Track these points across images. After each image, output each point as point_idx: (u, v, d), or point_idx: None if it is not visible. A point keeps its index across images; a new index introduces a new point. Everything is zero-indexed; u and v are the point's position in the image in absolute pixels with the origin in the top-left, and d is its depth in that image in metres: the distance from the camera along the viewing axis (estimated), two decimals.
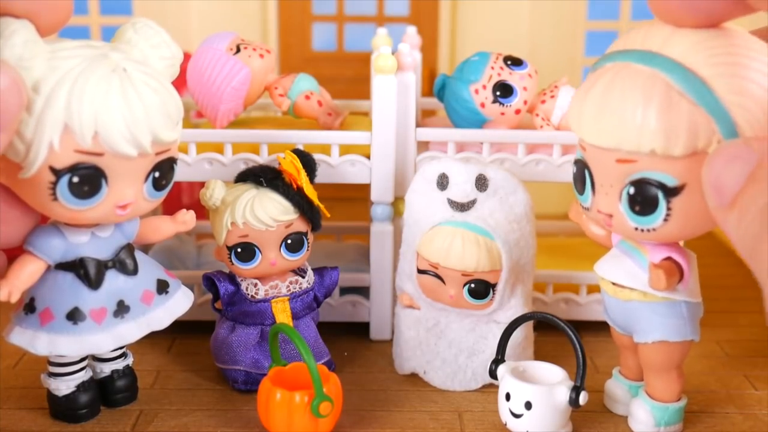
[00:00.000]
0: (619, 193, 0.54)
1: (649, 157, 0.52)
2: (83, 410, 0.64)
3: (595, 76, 0.54)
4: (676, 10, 0.49)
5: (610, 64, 0.54)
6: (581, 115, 0.54)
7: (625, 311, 0.62)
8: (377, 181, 0.76)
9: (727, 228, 0.42)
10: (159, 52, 0.57)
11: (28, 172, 0.52)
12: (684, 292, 0.60)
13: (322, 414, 0.60)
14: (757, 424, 0.66)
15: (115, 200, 0.56)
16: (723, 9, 0.48)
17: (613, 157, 0.53)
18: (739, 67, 0.49)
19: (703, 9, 0.48)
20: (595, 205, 0.57)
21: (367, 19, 1.26)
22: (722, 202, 0.41)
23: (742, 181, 0.41)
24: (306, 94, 0.79)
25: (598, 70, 0.55)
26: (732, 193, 0.41)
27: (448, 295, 0.67)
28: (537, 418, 0.61)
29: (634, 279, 0.61)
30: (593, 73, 0.55)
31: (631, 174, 0.53)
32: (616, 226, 0.56)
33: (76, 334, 0.59)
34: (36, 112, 0.51)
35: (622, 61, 0.53)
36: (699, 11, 0.49)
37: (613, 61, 0.54)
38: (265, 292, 0.69)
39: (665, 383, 0.63)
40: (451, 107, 0.79)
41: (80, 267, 0.59)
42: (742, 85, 0.49)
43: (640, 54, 0.52)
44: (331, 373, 0.63)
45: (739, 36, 0.51)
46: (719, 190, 0.42)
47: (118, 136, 0.53)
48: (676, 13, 0.50)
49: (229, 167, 0.75)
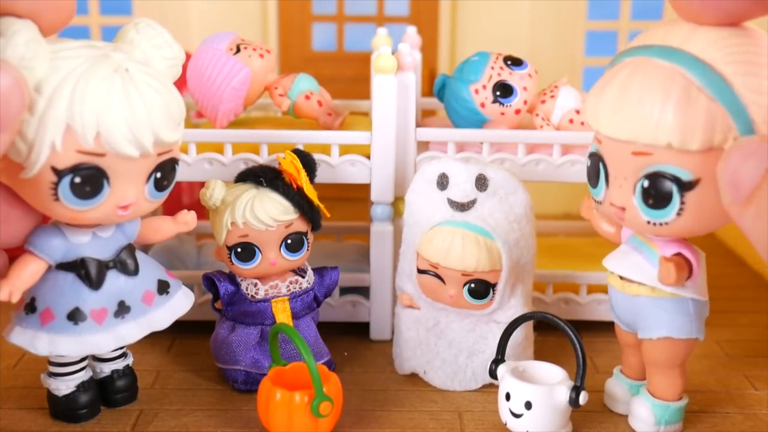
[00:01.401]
0: (633, 186, 0.55)
1: (665, 150, 0.52)
2: (83, 410, 0.64)
3: (614, 70, 0.55)
4: (698, 9, 0.50)
5: (629, 59, 0.54)
6: (599, 108, 0.55)
7: (631, 306, 0.62)
8: (377, 181, 0.76)
9: (743, 224, 0.42)
10: (161, 52, 0.57)
11: (30, 173, 0.52)
12: (692, 289, 0.60)
13: (322, 414, 0.60)
14: (757, 424, 0.66)
15: (116, 201, 0.56)
16: (744, 8, 0.48)
17: (629, 150, 0.53)
18: (758, 66, 0.50)
19: (724, 8, 0.49)
20: (608, 198, 0.57)
21: (367, 19, 1.26)
22: (738, 197, 0.42)
23: (759, 178, 0.41)
24: (306, 94, 0.79)
25: (617, 65, 0.55)
26: (748, 189, 0.41)
27: (448, 295, 0.67)
28: (537, 418, 0.61)
29: (642, 273, 0.60)
30: (612, 68, 0.56)
31: (646, 167, 0.53)
32: (628, 220, 0.56)
33: (77, 334, 0.59)
34: (38, 113, 0.51)
35: (642, 56, 0.53)
36: (720, 10, 0.49)
37: (632, 56, 0.54)
38: (265, 292, 0.69)
39: (667, 381, 0.63)
40: (451, 107, 0.79)
41: (81, 267, 0.59)
42: (760, 84, 0.50)
43: (660, 49, 0.52)
44: (331, 373, 0.63)
45: (759, 36, 0.52)
46: (735, 185, 0.42)
47: (120, 136, 0.53)
48: (698, 11, 0.50)
49: (229, 167, 0.75)
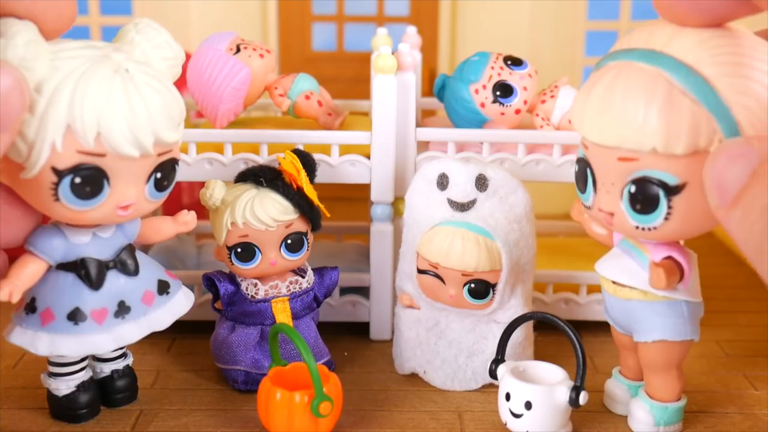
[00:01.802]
0: (621, 192, 0.54)
1: (650, 155, 0.52)
2: (83, 410, 0.64)
3: (598, 74, 0.54)
4: (681, 9, 0.49)
5: (613, 63, 0.54)
6: (584, 114, 0.54)
7: (625, 310, 0.62)
8: (377, 181, 0.76)
9: (729, 227, 0.42)
10: (161, 52, 0.57)
11: (30, 173, 0.52)
12: (684, 292, 0.60)
13: (322, 414, 0.60)
14: (757, 424, 0.66)
15: (116, 201, 0.56)
16: (727, 9, 0.48)
17: (614, 156, 0.53)
18: (743, 67, 0.49)
19: (707, 8, 0.48)
20: (597, 204, 0.57)
21: (367, 19, 1.26)
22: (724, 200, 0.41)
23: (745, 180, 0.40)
24: (306, 94, 0.79)
25: (601, 68, 0.55)
26: (734, 191, 0.41)
27: (448, 295, 0.67)
28: (537, 418, 0.61)
29: (634, 278, 0.61)
30: (596, 71, 0.55)
31: (633, 172, 0.53)
32: (617, 225, 0.56)
33: (77, 334, 0.59)
34: (39, 113, 0.51)
35: (625, 60, 0.53)
36: (703, 10, 0.49)
37: (616, 60, 0.54)
38: (265, 292, 0.69)
39: (665, 383, 0.63)
40: (451, 107, 0.79)
41: (81, 267, 0.59)
42: (746, 85, 0.49)
43: (642, 53, 0.52)
44: (331, 373, 0.63)
45: (743, 36, 0.51)
46: (721, 188, 0.42)
47: (120, 136, 0.53)
48: (681, 12, 0.50)
49: (229, 167, 0.75)
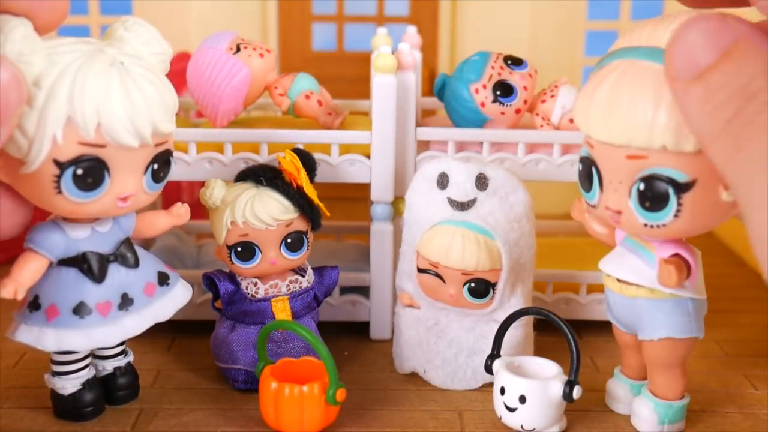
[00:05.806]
0: (629, 190, 0.54)
1: (659, 152, 0.52)
2: (89, 408, 0.64)
3: (602, 73, 0.54)
4: None
5: (617, 62, 0.53)
6: (589, 113, 0.54)
7: (630, 309, 0.62)
8: (377, 181, 0.76)
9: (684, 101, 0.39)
10: (150, 48, 0.58)
11: (31, 167, 0.52)
12: (690, 289, 0.60)
13: (338, 401, 0.61)
14: (757, 424, 0.66)
15: (116, 192, 0.56)
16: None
17: (623, 154, 0.53)
18: None
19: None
20: (603, 202, 0.56)
21: (367, 19, 1.26)
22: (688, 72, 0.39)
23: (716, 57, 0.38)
24: (306, 94, 0.78)
25: (604, 67, 0.55)
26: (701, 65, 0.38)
27: (449, 294, 0.67)
28: (531, 412, 0.61)
29: (640, 276, 0.60)
30: (598, 71, 0.55)
31: (642, 170, 0.53)
32: (624, 223, 0.56)
33: (83, 328, 0.59)
34: (38, 106, 0.51)
35: (629, 57, 0.53)
36: None
37: (619, 59, 0.53)
38: (265, 291, 0.69)
39: (669, 381, 0.63)
40: (451, 107, 0.79)
41: (83, 261, 0.59)
42: None
43: (647, 50, 0.52)
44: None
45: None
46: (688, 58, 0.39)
47: (120, 127, 0.53)
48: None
49: (229, 166, 0.75)
